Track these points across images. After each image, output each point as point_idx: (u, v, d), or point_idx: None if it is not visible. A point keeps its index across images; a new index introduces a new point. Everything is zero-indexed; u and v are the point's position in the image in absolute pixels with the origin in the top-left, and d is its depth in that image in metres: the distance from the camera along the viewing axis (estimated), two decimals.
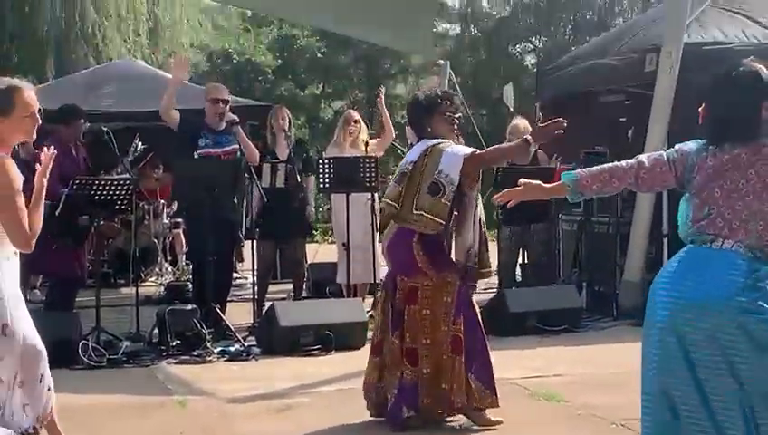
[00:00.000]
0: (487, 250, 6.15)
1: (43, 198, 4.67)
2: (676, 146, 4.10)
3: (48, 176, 4.75)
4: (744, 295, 3.72)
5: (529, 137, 5.69)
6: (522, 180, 4.41)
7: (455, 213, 5.97)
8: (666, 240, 9.80)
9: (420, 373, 5.80)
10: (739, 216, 3.80)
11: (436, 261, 5.89)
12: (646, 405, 4.07)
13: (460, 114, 6.10)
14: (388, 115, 10.42)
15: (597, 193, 4.21)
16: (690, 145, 4.03)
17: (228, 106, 9.06)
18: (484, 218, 6.19)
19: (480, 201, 6.20)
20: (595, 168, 4.18)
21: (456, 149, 5.85)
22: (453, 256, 6.10)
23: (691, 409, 3.84)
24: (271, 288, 10.19)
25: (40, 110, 4.71)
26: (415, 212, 5.79)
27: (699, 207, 3.88)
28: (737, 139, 3.86)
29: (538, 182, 4.37)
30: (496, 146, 6.06)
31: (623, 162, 4.14)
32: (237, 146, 8.83)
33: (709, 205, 3.85)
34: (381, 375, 5.92)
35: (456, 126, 6.03)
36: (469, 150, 5.87)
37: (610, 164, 4.18)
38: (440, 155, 5.81)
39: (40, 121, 4.71)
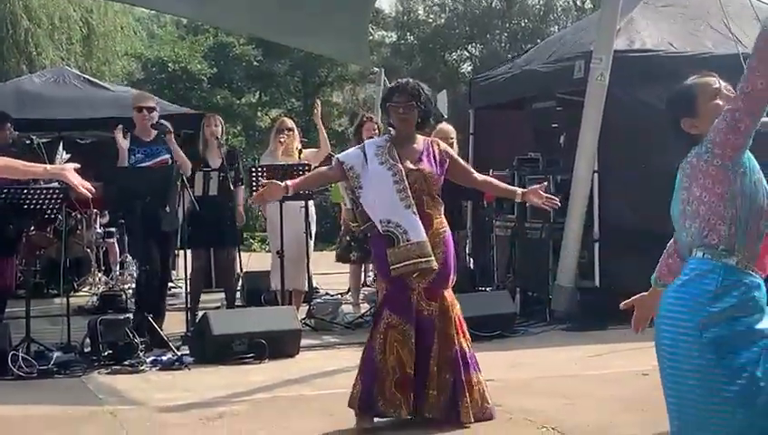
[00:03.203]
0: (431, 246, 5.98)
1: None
2: None
3: None
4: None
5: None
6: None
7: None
8: (597, 245, 9.91)
9: None
10: (693, 225, 3.70)
11: (377, 263, 6.13)
12: None
13: (411, 102, 6.04)
14: (323, 129, 10.45)
15: (677, 272, 4.01)
16: None
17: (156, 114, 8.98)
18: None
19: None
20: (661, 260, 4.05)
21: None
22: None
23: None
24: (205, 297, 10.14)
25: None
26: None
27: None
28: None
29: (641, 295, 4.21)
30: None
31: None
32: (168, 156, 8.77)
33: (684, 224, 3.76)
34: None
35: (405, 114, 6.05)
36: None
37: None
38: None
39: None
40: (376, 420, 6.00)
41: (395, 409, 5.90)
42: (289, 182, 6.04)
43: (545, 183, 6.52)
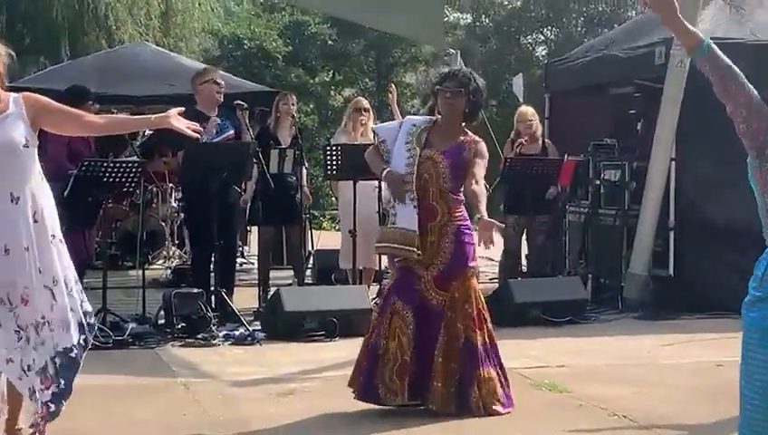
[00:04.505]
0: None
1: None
2: None
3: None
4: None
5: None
6: None
7: None
8: (672, 234, 9.81)
9: None
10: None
11: None
12: None
13: (460, 89, 5.92)
14: (399, 113, 10.46)
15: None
16: None
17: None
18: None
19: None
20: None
21: None
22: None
23: None
24: (277, 274, 10.22)
25: None
26: None
27: None
28: None
29: None
30: None
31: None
32: (233, 132, 8.82)
33: None
34: None
35: (451, 100, 5.93)
36: None
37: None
38: None
39: None
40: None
41: (393, 396, 5.85)
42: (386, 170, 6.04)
43: (504, 225, 6.27)
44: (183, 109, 5.11)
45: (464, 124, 6.09)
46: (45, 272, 4.75)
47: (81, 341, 4.88)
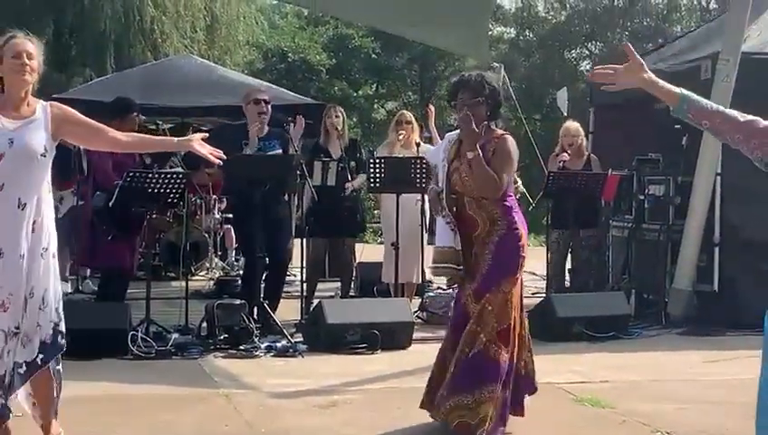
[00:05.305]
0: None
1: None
2: None
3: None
4: None
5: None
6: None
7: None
8: (717, 249, 9.73)
9: None
10: None
11: None
12: None
13: (476, 98, 5.72)
14: (436, 133, 10.48)
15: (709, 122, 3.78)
16: None
17: (270, 106, 9.06)
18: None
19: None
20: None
21: None
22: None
23: None
24: (319, 286, 10.24)
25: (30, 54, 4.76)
26: None
27: None
28: None
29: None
30: None
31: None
32: (280, 151, 8.86)
33: None
34: None
35: (471, 111, 5.70)
36: None
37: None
38: None
39: (27, 61, 4.75)
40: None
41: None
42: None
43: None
44: (206, 135, 5.15)
45: (488, 124, 5.83)
46: (27, 282, 4.74)
47: (39, 360, 4.82)
